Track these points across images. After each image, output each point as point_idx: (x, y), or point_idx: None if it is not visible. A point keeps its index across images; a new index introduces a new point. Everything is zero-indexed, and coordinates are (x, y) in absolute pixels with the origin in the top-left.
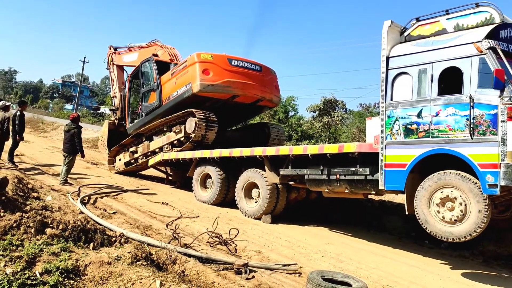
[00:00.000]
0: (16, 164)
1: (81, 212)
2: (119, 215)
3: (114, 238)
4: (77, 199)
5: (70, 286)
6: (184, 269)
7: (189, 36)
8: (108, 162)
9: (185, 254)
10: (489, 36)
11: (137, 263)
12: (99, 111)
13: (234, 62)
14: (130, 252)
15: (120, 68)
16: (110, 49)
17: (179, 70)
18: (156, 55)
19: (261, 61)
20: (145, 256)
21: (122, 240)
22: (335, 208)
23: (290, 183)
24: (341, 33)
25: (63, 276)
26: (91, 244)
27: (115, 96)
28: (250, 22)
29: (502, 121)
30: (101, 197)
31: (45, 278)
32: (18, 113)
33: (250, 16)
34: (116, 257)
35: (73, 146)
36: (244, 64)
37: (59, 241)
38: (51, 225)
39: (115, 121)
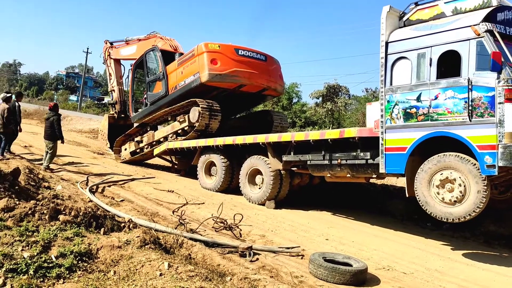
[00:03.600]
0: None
1: (90, 201)
2: (126, 203)
3: (123, 224)
4: (86, 188)
5: (84, 268)
6: (191, 252)
7: (188, 27)
8: (114, 152)
9: (191, 238)
10: (486, 19)
11: (146, 246)
12: (103, 102)
13: (241, 52)
14: (139, 236)
15: (117, 62)
16: (106, 43)
17: (186, 60)
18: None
19: (265, 49)
20: (153, 240)
21: (131, 225)
22: (338, 192)
23: (293, 169)
24: (344, 17)
25: (77, 259)
26: (102, 229)
27: (113, 90)
28: (253, 10)
29: (499, 103)
30: (109, 186)
31: (60, 261)
32: (17, 104)
33: (253, 3)
34: (126, 241)
35: (54, 133)
36: (250, 54)
37: (72, 227)
38: (64, 212)
39: (115, 114)
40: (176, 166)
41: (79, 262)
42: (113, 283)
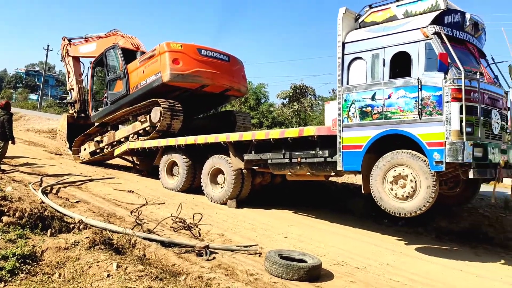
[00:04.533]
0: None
1: (42, 202)
2: (82, 204)
3: (72, 225)
4: (39, 189)
5: (27, 271)
6: (145, 253)
7: (151, 26)
8: (72, 152)
9: (146, 238)
10: (434, 22)
11: (95, 247)
12: (66, 101)
13: (204, 52)
14: (88, 237)
15: (76, 59)
16: (64, 40)
17: (147, 59)
18: None
19: (231, 49)
20: (103, 241)
21: (81, 226)
22: (300, 191)
23: (255, 167)
24: (309, 19)
25: (20, 261)
26: (49, 231)
27: (72, 89)
28: (218, 10)
29: (446, 102)
30: (64, 187)
31: (2, 264)
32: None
33: (218, 4)
34: (73, 243)
35: (4, 133)
36: (213, 54)
37: (16, 229)
38: (7, 213)
39: (74, 114)
40: (137, 167)
41: (22, 264)
42: (58, 285)
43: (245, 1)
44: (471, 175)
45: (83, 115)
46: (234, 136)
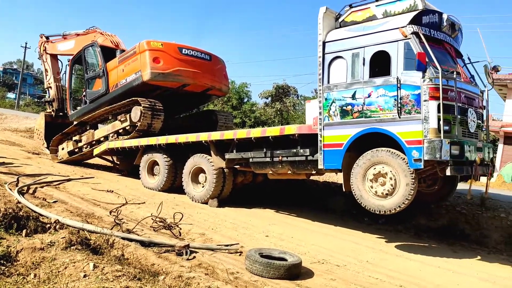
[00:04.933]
0: None
1: (18, 202)
2: (59, 204)
3: (48, 225)
4: (15, 189)
5: (1, 272)
6: (124, 253)
7: (132, 24)
8: (50, 151)
9: (125, 238)
10: (412, 21)
11: (72, 247)
12: (43, 99)
13: (185, 51)
14: (64, 237)
15: (54, 57)
16: (42, 37)
17: (127, 57)
18: None
19: (213, 48)
20: (80, 241)
21: (57, 226)
22: (282, 190)
23: (236, 166)
24: (294, 19)
25: None
26: (24, 231)
27: (50, 87)
28: (200, 9)
29: (425, 100)
30: (42, 187)
31: None
32: None
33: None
34: (49, 243)
35: None
36: (194, 53)
37: None
38: None
39: (52, 113)
40: (118, 167)
41: None
42: (33, 286)
43: (228, 1)
44: (448, 172)
45: (61, 114)
46: (215, 135)
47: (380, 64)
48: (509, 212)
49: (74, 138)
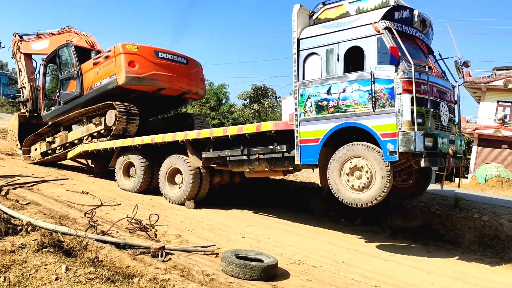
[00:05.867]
0: None
1: None
2: (32, 206)
3: (20, 227)
4: None
5: None
6: (98, 255)
7: (108, 25)
8: (23, 152)
9: (99, 240)
10: (385, 17)
11: (44, 250)
12: (17, 99)
13: (161, 55)
14: (36, 239)
15: (28, 56)
16: (15, 36)
17: (102, 60)
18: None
19: (190, 50)
20: (52, 243)
21: (29, 228)
22: (259, 191)
23: (213, 166)
24: (272, 21)
25: None
26: None
27: (24, 87)
28: (177, 10)
29: (398, 94)
30: (14, 189)
31: None
32: None
33: (176, 4)
34: (20, 245)
35: None
36: (171, 57)
37: None
38: None
39: (26, 113)
40: (93, 170)
41: None
42: None
43: (207, 2)
44: (422, 163)
45: (35, 114)
46: (192, 134)
47: (354, 59)
48: (482, 213)
49: (47, 139)
